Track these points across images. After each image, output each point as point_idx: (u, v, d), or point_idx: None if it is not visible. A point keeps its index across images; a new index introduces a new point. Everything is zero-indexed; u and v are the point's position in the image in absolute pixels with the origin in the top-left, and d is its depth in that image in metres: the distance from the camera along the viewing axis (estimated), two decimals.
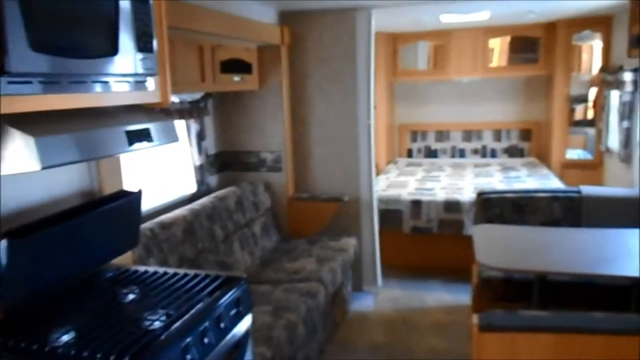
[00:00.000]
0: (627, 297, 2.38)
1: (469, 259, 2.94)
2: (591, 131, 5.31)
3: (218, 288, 1.65)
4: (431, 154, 5.72)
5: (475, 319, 1.65)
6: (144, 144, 1.50)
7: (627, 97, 3.58)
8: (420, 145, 5.76)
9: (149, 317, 1.44)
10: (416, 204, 3.96)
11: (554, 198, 3.02)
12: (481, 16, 4.11)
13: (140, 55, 1.50)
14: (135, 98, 1.57)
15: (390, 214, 3.99)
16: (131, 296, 1.61)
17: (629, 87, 3.53)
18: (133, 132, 1.45)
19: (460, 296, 3.56)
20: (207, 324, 1.47)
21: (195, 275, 1.73)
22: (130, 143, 1.44)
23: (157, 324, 1.41)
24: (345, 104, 3.50)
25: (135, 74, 1.50)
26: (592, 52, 6.06)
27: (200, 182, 3.25)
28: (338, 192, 3.59)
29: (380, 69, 4.96)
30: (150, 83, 1.61)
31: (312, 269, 3.00)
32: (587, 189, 3.01)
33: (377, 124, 5.01)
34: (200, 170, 3.25)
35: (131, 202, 1.77)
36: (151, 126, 1.54)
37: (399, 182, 4.57)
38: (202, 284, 1.66)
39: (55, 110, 1.28)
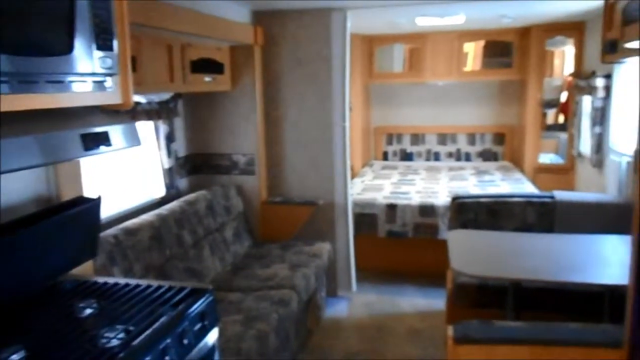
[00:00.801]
0: (601, 302, 2.38)
1: (443, 264, 2.91)
2: (563, 136, 5.38)
3: (183, 300, 1.56)
4: (407, 157, 5.71)
5: (450, 330, 1.60)
6: (102, 148, 1.40)
7: (599, 103, 3.62)
8: (396, 148, 5.75)
9: (106, 335, 1.35)
10: (391, 207, 3.93)
11: (528, 203, 3.02)
12: (456, 20, 4.11)
13: (98, 54, 1.40)
14: (94, 99, 1.47)
15: (366, 218, 3.94)
16: (89, 310, 1.51)
17: (601, 93, 3.56)
18: (89, 135, 1.35)
19: (434, 301, 3.54)
20: (168, 341, 1.38)
21: (159, 287, 1.64)
22: (86, 147, 1.34)
23: (114, 342, 1.31)
24: (320, 106, 3.44)
25: (94, 74, 1.40)
26: (563, 57, 6.16)
27: (170, 186, 3.14)
28: (312, 195, 3.52)
29: (356, 71, 4.91)
30: (111, 83, 1.50)
31: (285, 275, 2.92)
32: (561, 194, 3.02)
33: (353, 126, 4.97)
34: (170, 173, 3.13)
35: (90, 209, 1.66)
36: (110, 129, 1.44)
37: (374, 186, 4.54)
38: (166, 296, 1.57)
39: (4, 112, 1.17)
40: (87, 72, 1.38)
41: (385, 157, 5.77)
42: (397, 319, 3.37)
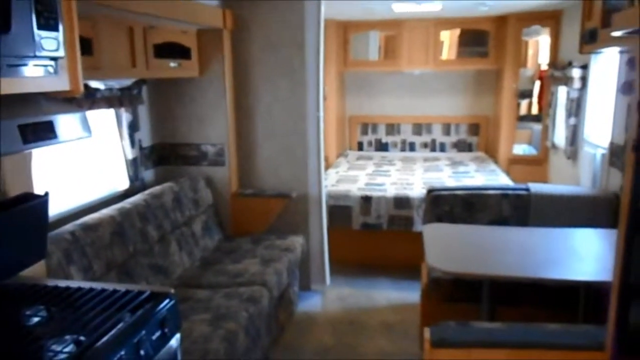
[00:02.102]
0: (576, 296, 2.36)
1: (418, 256, 2.86)
2: (537, 126, 5.39)
3: (141, 306, 1.43)
4: (382, 147, 5.64)
5: (427, 333, 1.53)
6: (46, 141, 1.25)
7: (574, 94, 3.59)
8: (371, 138, 5.67)
9: (54, 347, 1.22)
10: (366, 199, 3.85)
11: (504, 195, 2.97)
12: (433, 7, 4.02)
13: (41, 34, 1.25)
14: (38, 85, 1.32)
15: (340, 210, 3.86)
16: (36, 319, 1.37)
17: (577, 84, 3.53)
18: (29, 126, 1.20)
19: (408, 294, 3.49)
20: (122, 353, 1.26)
21: (115, 291, 1.50)
22: (26, 140, 1.19)
23: (62, 356, 1.18)
24: (294, 94, 3.31)
25: (35, 56, 1.25)
26: (537, 47, 6.17)
27: (134, 178, 2.98)
28: (285, 187, 3.41)
29: (330, 59, 4.79)
30: (57, 67, 1.35)
31: (256, 271, 2.81)
32: (535, 187, 2.98)
33: (328, 115, 4.87)
34: (134, 164, 2.97)
35: (36, 206, 1.51)
36: (55, 119, 1.30)
37: (349, 177, 4.45)
38: (123, 301, 1.44)
39: None
40: (28, 54, 1.23)
41: (360, 147, 5.69)
42: (371, 312, 3.31)
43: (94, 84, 2.52)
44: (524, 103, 6.25)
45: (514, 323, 1.60)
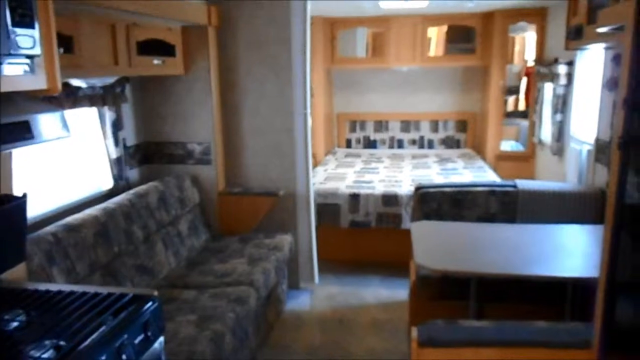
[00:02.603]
0: (564, 292, 2.36)
1: (406, 254, 2.85)
2: (524, 123, 5.41)
3: (123, 308, 1.40)
4: (370, 144, 5.63)
5: (414, 332, 1.51)
6: (22, 141, 1.21)
7: (560, 90, 3.61)
8: (359, 135, 5.65)
9: (33, 352, 1.19)
10: (354, 197, 3.83)
11: (491, 192, 2.97)
12: (420, 3, 4.01)
13: (16, 31, 1.21)
14: (14, 84, 1.28)
15: (328, 208, 3.84)
16: (14, 323, 1.34)
17: (563, 80, 3.55)
18: (5, 126, 1.16)
19: (397, 291, 3.49)
20: (103, 357, 1.23)
21: (96, 294, 1.47)
22: (2, 140, 1.15)
23: None
24: (280, 92, 3.28)
25: (10, 55, 1.21)
26: (524, 44, 6.19)
27: (118, 177, 2.93)
28: (273, 186, 3.38)
29: (317, 56, 4.76)
30: (34, 66, 1.31)
31: (243, 270, 2.78)
32: (523, 183, 2.99)
33: (315, 113, 4.84)
34: (118, 163, 2.92)
35: (14, 209, 1.47)
36: (32, 119, 1.26)
37: (337, 175, 4.43)
38: (104, 304, 1.41)
39: None
40: (2, 53, 1.19)
41: (348, 144, 5.67)
42: (360, 310, 3.30)
43: (75, 82, 2.47)
44: (511, 99, 6.28)
45: (501, 321, 1.59)
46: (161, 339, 1.49)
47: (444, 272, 2.19)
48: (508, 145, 5.40)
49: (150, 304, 1.45)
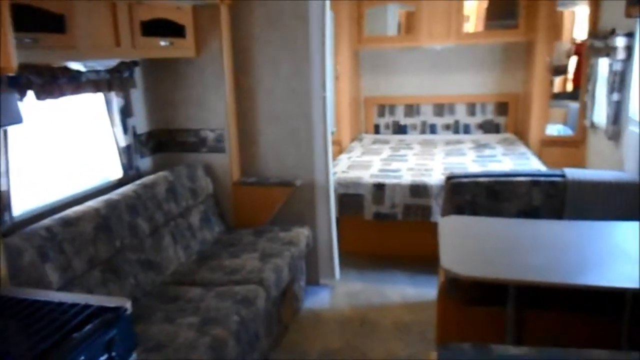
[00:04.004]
0: (621, 300, 2.03)
1: (436, 248, 2.57)
2: (573, 104, 4.94)
3: (85, 323, 1.21)
4: (400, 129, 5.30)
5: (433, 357, 1.25)
6: None
7: (618, 66, 3.18)
8: (388, 120, 5.33)
9: None
10: (379, 187, 3.55)
11: (534, 183, 2.63)
12: None
13: None
14: None
15: (350, 199, 3.58)
16: None
17: (621, 54, 3.12)
18: None
19: (425, 290, 3.21)
20: None
21: (59, 304, 1.29)
22: None
23: None
24: (297, 73, 3.03)
25: None
26: (573, 19, 5.68)
27: (128, 166, 2.78)
28: (290, 175, 3.15)
29: (343, 36, 4.46)
30: None
31: (254, 267, 2.58)
32: (572, 172, 2.63)
33: (340, 97, 4.57)
34: (127, 152, 2.77)
35: None
36: None
37: (361, 163, 4.15)
38: (64, 318, 1.22)
39: None
40: None
41: (377, 130, 5.37)
42: (384, 310, 3.05)
43: (74, 65, 2.31)
44: (558, 80, 5.78)
45: (545, 348, 1.30)
46: (133, 357, 1.29)
47: (474, 278, 1.90)
48: (555, 130, 4.94)
49: (118, 316, 1.26)
